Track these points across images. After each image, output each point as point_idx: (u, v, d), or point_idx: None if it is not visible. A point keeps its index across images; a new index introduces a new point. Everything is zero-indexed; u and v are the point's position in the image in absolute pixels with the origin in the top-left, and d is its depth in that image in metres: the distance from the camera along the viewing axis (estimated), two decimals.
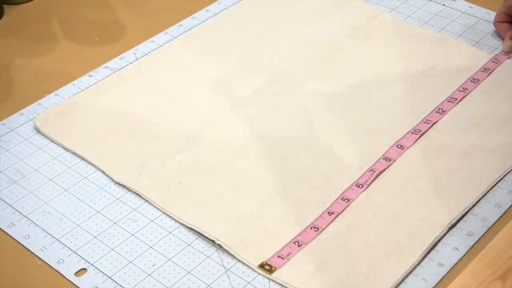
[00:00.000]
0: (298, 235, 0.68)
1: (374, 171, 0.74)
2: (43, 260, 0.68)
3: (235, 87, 0.85)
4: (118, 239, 0.69)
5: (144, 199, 0.73)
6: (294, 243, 0.68)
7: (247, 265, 0.66)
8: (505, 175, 0.74)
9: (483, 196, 0.72)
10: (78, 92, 0.85)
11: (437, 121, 0.80)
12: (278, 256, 0.67)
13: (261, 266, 0.66)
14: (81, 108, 0.83)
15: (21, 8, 0.99)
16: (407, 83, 0.85)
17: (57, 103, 0.84)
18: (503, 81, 0.85)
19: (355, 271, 0.66)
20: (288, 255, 0.67)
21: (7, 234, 0.70)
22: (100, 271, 0.67)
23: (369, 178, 0.73)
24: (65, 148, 0.78)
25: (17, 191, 0.74)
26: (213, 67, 0.88)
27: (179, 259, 0.68)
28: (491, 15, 0.95)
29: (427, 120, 0.80)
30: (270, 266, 0.66)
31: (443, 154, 0.76)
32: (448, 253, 0.67)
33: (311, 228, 0.69)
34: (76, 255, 0.68)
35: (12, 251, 0.69)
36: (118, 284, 0.66)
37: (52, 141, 0.79)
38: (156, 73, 0.88)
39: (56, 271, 0.67)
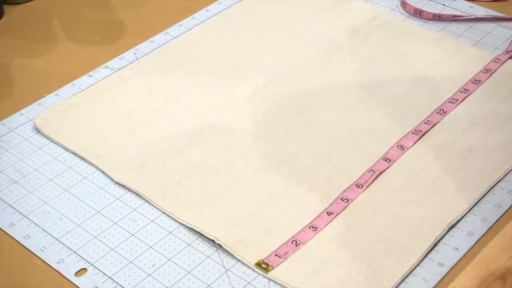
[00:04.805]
0: (296, 234, 0.68)
1: (374, 172, 0.74)
2: (43, 260, 0.68)
3: (235, 87, 0.85)
4: (118, 239, 0.69)
5: (144, 199, 0.73)
6: (292, 242, 0.68)
7: (247, 265, 0.67)
8: (505, 175, 0.74)
9: (483, 196, 0.72)
10: (78, 92, 0.85)
11: (438, 122, 0.80)
12: (276, 255, 0.67)
13: (258, 264, 0.66)
14: (81, 108, 0.83)
15: (21, 8, 0.99)
16: (407, 83, 0.85)
17: (57, 103, 0.84)
18: (503, 81, 0.85)
19: (355, 271, 0.66)
20: (285, 254, 0.67)
21: (7, 234, 0.70)
22: (100, 271, 0.67)
23: (369, 178, 0.73)
24: (65, 148, 0.78)
25: (17, 191, 0.74)
26: (213, 67, 0.88)
27: (179, 259, 0.68)
28: (492, 14, 0.95)
29: (428, 121, 0.80)
30: (267, 264, 0.66)
31: (443, 154, 0.76)
32: (448, 253, 0.67)
33: (309, 228, 0.69)
34: (76, 255, 0.68)
35: (12, 251, 0.69)
36: (118, 284, 0.66)
37: (52, 141, 0.79)
38: (156, 73, 0.88)
39: (56, 271, 0.67)
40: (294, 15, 0.96)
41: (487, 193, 0.72)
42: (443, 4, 0.98)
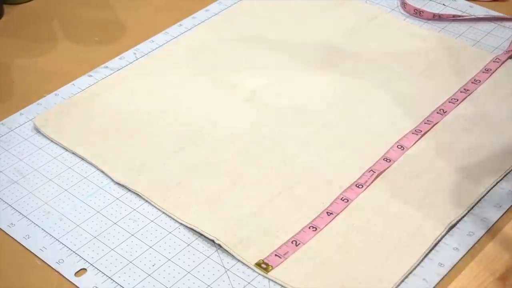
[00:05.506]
0: (296, 234, 0.68)
1: (374, 172, 0.74)
2: (43, 260, 0.68)
3: (235, 87, 0.85)
4: (118, 239, 0.69)
5: (144, 199, 0.73)
6: (292, 242, 0.68)
7: (247, 265, 0.67)
8: (505, 175, 0.74)
9: (483, 196, 0.72)
10: (78, 92, 0.85)
11: (438, 122, 0.80)
12: (276, 255, 0.67)
13: (258, 264, 0.66)
14: (81, 108, 0.83)
15: (21, 8, 0.99)
16: (407, 83, 0.85)
17: (57, 103, 0.84)
18: (503, 81, 0.85)
19: (355, 271, 0.66)
20: (285, 254, 0.67)
21: (7, 234, 0.70)
22: (100, 271, 0.67)
23: (369, 178, 0.73)
24: (65, 148, 0.78)
25: (17, 191, 0.74)
26: (213, 67, 0.88)
27: (179, 259, 0.68)
28: (492, 14, 0.95)
29: (428, 121, 0.80)
30: (267, 264, 0.66)
31: (443, 154, 0.76)
32: (448, 253, 0.67)
33: (309, 228, 0.69)
34: (76, 255, 0.68)
35: (12, 251, 0.69)
36: (118, 284, 0.66)
37: (52, 141, 0.79)
38: (156, 73, 0.88)
39: (56, 271, 0.67)
40: (294, 15, 0.96)
41: (487, 193, 0.72)
42: (443, 4, 0.98)
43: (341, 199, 0.72)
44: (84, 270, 0.67)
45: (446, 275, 0.66)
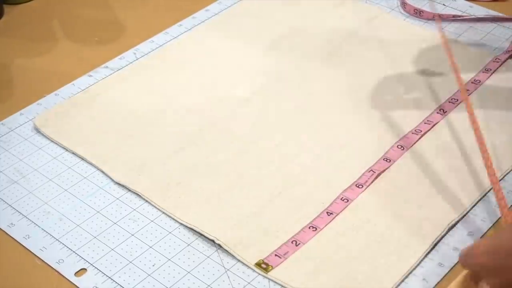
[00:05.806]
0: (296, 234, 0.68)
1: (374, 172, 0.74)
2: (43, 260, 0.68)
3: (235, 87, 0.85)
4: (118, 239, 0.69)
5: (144, 199, 0.73)
6: (292, 242, 0.68)
7: (247, 265, 0.67)
8: (505, 175, 0.74)
9: (483, 196, 0.72)
10: (78, 92, 0.85)
11: (438, 122, 0.80)
12: (275, 255, 0.67)
13: (258, 264, 0.66)
14: (81, 108, 0.83)
15: (21, 8, 0.99)
16: (407, 83, 0.85)
17: (57, 103, 0.84)
18: (503, 81, 0.85)
19: (355, 271, 0.66)
20: (285, 254, 0.67)
21: (7, 234, 0.70)
22: (100, 271, 0.67)
23: (368, 178, 0.73)
24: (65, 148, 0.78)
25: (17, 191, 0.74)
26: (213, 67, 0.88)
27: (179, 259, 0.68)
28: (492, 14, 0.95)
29: (428, 121, 0.80)
30: (267, 264, 0.66)
31: (443, 154, 0.76)
32: (448, 253, 0.67)
33: (309, 228, 0.69)
34: (76, 255, 0.68)
35: (12, 251, 0.69)
36: (118, 284, 0.66)
37: (52, 141, 0.79)
38: (156, 73, 0.88)
39: (56, 271, 0.67)
40: (294, 15, 0.96)
41: (487, 193, 0.72)
42: (444, 4, 0.98)
43: (341, 199, 0.72)
44: (84, 270, 0.67)
45: (446, 275, 0.66)
